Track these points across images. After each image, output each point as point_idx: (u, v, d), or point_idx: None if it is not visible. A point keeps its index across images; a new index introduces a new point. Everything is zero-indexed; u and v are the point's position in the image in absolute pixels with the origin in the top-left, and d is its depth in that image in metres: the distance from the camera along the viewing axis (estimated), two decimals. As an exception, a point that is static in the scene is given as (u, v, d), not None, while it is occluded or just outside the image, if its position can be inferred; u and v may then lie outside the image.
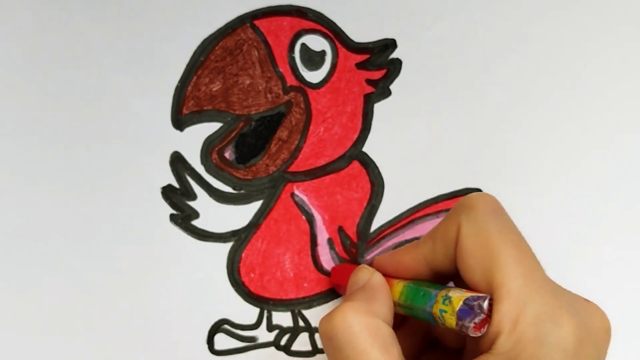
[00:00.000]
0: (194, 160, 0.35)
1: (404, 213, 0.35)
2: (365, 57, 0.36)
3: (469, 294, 0.25)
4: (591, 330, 0.25)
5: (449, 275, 0.29)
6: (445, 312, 0.25)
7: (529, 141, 0.35)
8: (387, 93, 0.36)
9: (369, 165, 0.35)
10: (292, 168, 0.35)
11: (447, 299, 0.26)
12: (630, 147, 0.35)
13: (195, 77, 0.35)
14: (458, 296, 0.25)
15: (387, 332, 0.26)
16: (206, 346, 0.34)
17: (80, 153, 0.35)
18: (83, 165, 0.35)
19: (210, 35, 0.36)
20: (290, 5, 0.36)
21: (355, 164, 0.35)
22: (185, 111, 0.35)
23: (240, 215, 0.35)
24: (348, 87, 0.35)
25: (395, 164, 0.35)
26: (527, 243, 0.27)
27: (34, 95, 0.35)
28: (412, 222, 0.35)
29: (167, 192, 0.35)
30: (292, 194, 0.35)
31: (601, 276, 0.34)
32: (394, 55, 0.36)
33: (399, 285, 0.29)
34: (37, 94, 0.35)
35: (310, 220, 0.35)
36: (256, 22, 0.36)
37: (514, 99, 0.35)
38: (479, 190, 0.35)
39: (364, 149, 0.35)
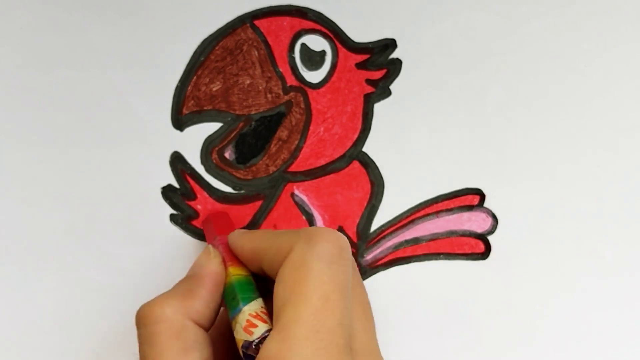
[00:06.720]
0: (194, 160, 0.35)
1: (404, 213, 0.35)
2: (365, 57, 0.36)
3: (250, 335, 0.25)
4: None
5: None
6: (236, 330, 0.26)
7: (529, 141, 0.35)
8: (387, 93, 0.36)
9: (369, 165, 0.35)
10: (292, 168, 0.35)
11: (238, 322, 0.26)
12: (632, 147, 0.35)
13: (195, 77, 0.35)
14: (244, 328, 0.25)
15: (193, 334, 0.25)
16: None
17: (80, 153, 0.35)
18: (83, 165, 0.35)
19: (210, 35, 0.36)
20: (290, 5, 0.36)
21: (355, 164, 0.35)
22: (185, 111, 0.35)
23: (241, 215, 0.35)
24: (348, 87, 0.35)
25: (395, 164, 0.35)
26: (343, 299, 0.24)
27: (34, 95, 0.35)
28: (412, 222, 0.35)
29: (167, 192, 0.35)
30: (292, 194, 0.35)
31: (601, 276, 0.34)
32: (394, 55, 0.36)
33: (228, 278, 0.28)
34: (37, 94, 0.35)
35: (310, 220, 0.35)
36: (256, 22, 0.36)
37: (514, 99, 0.35)
38: (479, 190, 0.35)
39: (364, 149, 0.35)
